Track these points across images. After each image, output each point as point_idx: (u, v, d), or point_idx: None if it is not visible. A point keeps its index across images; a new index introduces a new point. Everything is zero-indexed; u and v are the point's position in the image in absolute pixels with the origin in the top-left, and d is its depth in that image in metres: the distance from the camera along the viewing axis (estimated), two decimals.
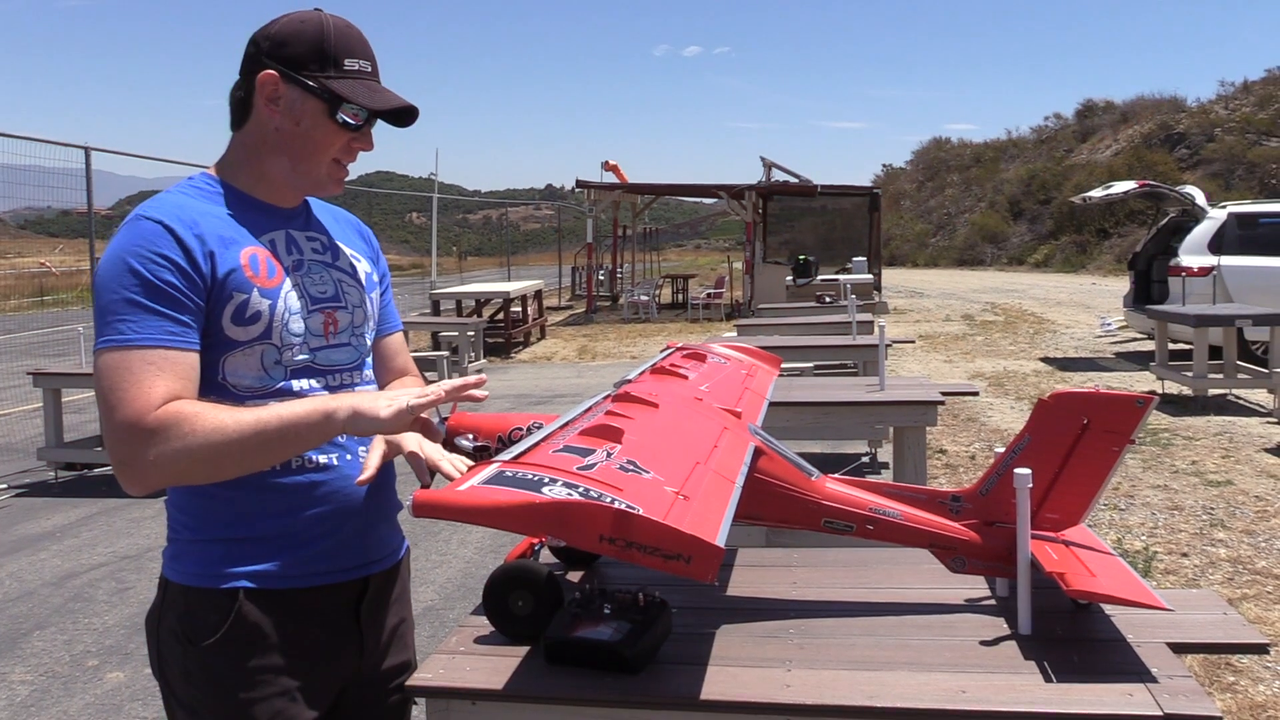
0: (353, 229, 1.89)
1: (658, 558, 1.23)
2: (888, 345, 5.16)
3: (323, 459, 1.66)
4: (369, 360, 1.81)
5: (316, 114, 1.63)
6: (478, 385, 1.55)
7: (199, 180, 1.68)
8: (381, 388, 1.85)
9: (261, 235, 1.66)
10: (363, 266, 1.82)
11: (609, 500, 1.28)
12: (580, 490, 1.30)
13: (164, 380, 1.49)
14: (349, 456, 1.68)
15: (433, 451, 1.70)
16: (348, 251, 1.81)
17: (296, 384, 1.65)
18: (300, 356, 1.65)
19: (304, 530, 1.64)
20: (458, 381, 1.55)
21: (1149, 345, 11.84)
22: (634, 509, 1.26)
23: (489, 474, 1.36)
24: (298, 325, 1.65)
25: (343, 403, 1.50)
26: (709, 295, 21.51)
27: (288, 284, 1.65)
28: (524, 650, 1.72)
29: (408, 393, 1.51)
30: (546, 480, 1.32)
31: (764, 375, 2.59)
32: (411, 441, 1.65)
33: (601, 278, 24.73)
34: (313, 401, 1.52)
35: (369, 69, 1.66)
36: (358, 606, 1.72)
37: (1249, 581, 4.71)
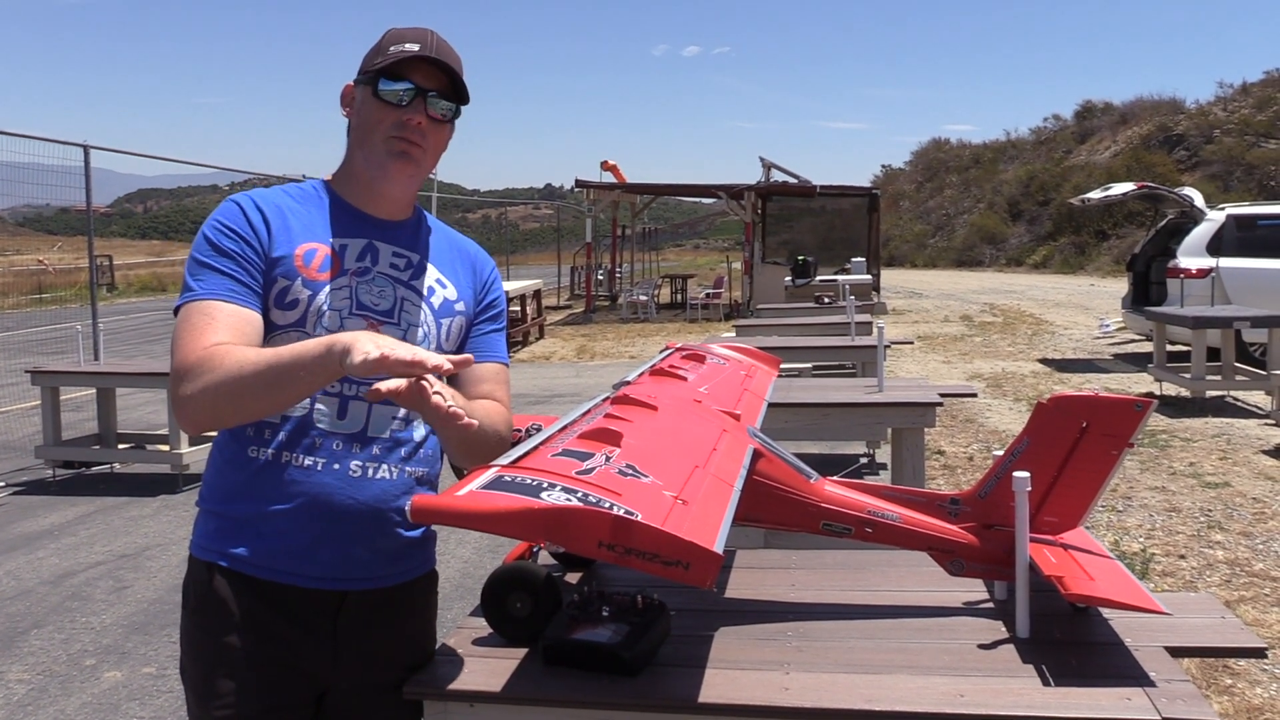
0: (463, 259, 1.90)
1: (657, 564, 1.23)
2: (886, 346, 5.16)
3: (307, 460, 1.67)
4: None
5: (367, 97, 1.74)
6: (463, 364, 1.48)
7: (306, 184, 1.82)
8: None
9: (335, 237, 1.74)
10: (445, 293, 1.82)
11: (608, 506, 1.28)
12: (579, 495, 1.30)
13: (213, 329, 1.60)
14: (336, 466, 1.68)
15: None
16: (434, 274, 1.82)
17: None
18: None
19: (274, 523, 1.67)
20: (445, 362, 1.44)
21: (1147, 347, 11.84)
22: (633, 515, 1.26)
23: (487, 478, 1.35)
24: (333, 321, 1.69)
25: (345, 337, 1.46)
26: (708, 295, 21.50)
27: (338, 283, 1.70)
28: (522, 652, 1.72)
29: (403, 347, 1.43)
30: (545, 485, 1.32)
31: (763, 376, 2.59)
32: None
33: (600, 277, 24.72)
34: (331, 335, 1.51)
35: (414, 49, 1.70)
36: (336, 618, 1.71)
37: (1246, 584, 4.71)
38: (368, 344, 1.42)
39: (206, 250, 1.67)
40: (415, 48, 1.70)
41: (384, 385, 1.42)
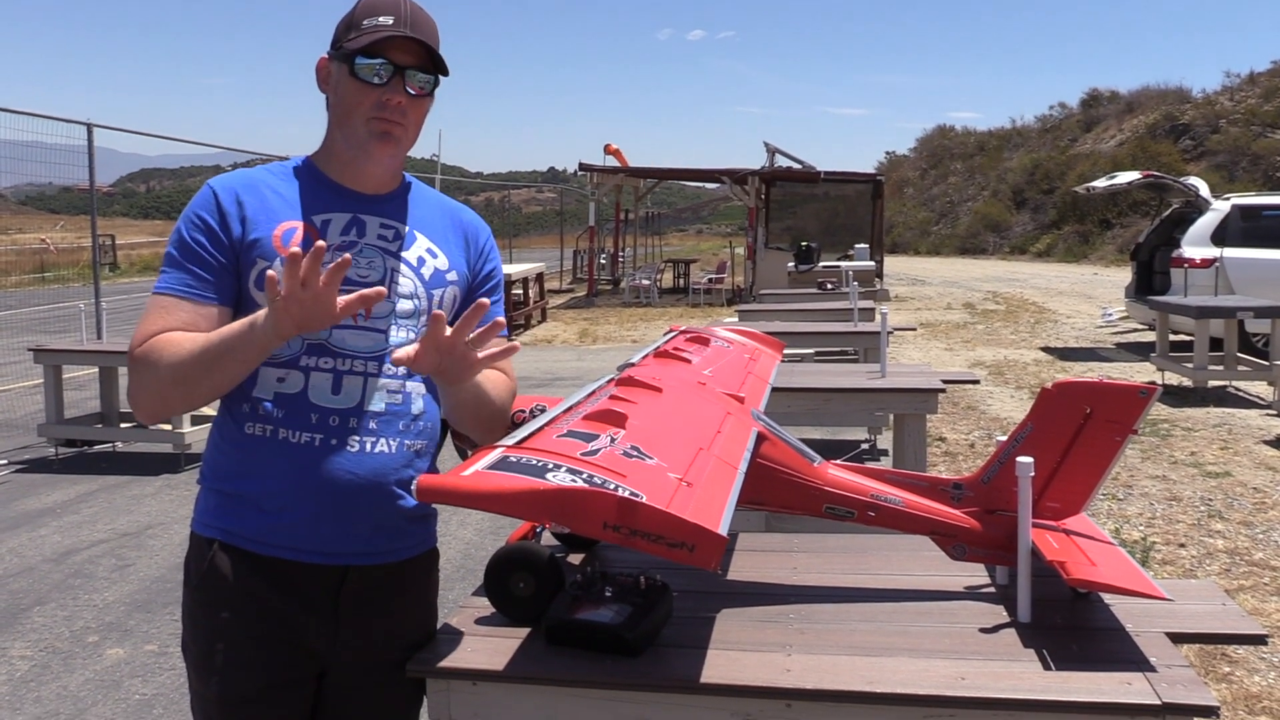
0: (454, 226, 1.88)
1: (661, 545, 1.23)
2: (889, 332, 5.15)
3: (304, 436, 1.67)
4: None
5: (343, 76, 1.71)
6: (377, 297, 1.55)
7: (290, 161, 1.81)
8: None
9: (316, 214, 1.73)
10: (436, 263, 1.80)
11: (613, 487, 1.28)
12: (584, 477, 1.30)
13: (163, 321, 1.65)
14: (333, 441, 1.68)
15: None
16: (424, 244, 1.80)
17: (305, 359, 1.68)
18: (316, 331, 1.67)
19: (273, 498, 1.67)
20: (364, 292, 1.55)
21: (1150, 336, 11.82)
22: (638, 496, 1.26)
23: (493, 459, 1.36)
24: None
25: (262, 311, 1.56)
26: (710, 280, 21.48)
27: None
28: (525, 632, 1.72)
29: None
30: (550, 466, 1.32)
31: (767, 359, 2.59)
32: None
33: (603, 261, 24.69)
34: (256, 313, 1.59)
35: (389, 23, 1.67)
36: (338, 594, 1.71)
37: (1246, 573, 4.72)
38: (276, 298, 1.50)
39: (176, 243, 1.70)
40: (389, 21, 1.67)
41: (400, 353, 1.55)
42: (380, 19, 1.68)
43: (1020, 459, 1.68)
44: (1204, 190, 11.93)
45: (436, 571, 1.90)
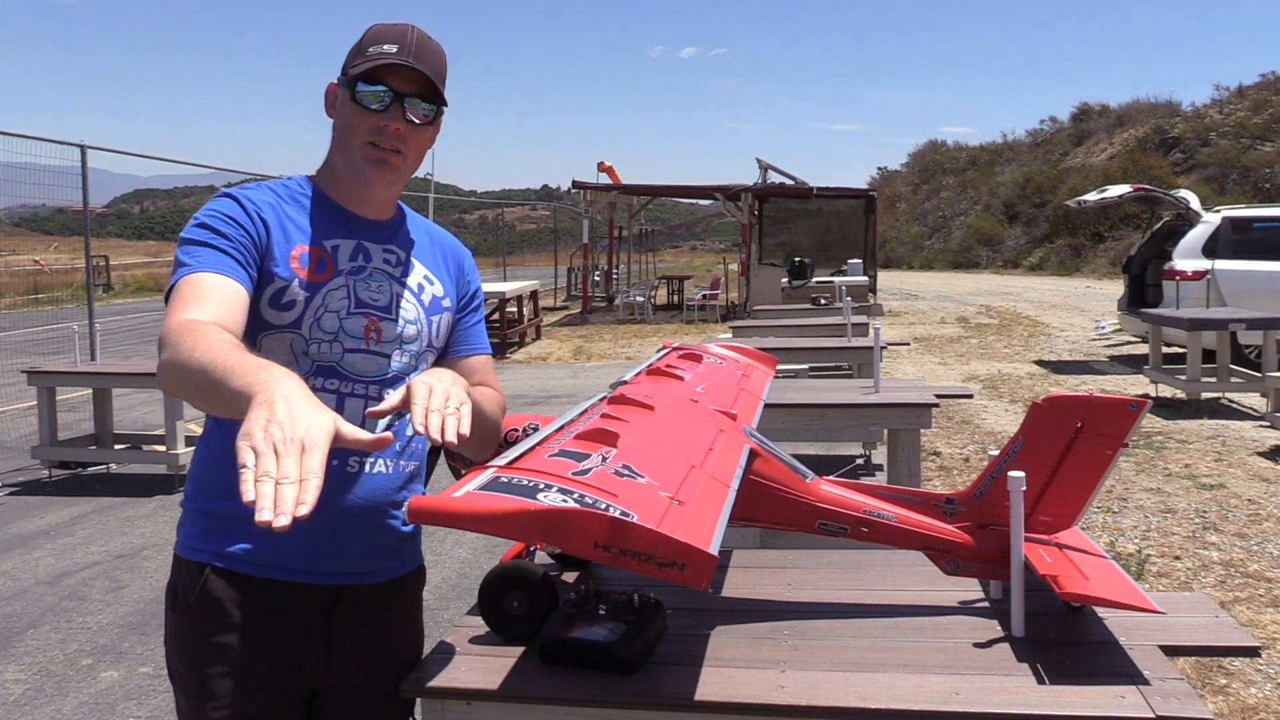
0: (445, 254, 1.91)
1: (652, 565, 1.23)
2: (882, 347, 5.16)
3: None
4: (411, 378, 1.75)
5: (345, 100, 1.73)
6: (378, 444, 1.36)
7: (292, 181, 1.80)
8: None
9: (326, 239, 1.73)
10: (433, 289, 1.83)
11: (604, 507, 1.28)
12: (575, 497, 1.30)
13: (197, 302, 1.54)
14: (333, 461, 1.65)
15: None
16: (421, 271, 1.83)
17: (312, 381, 1.66)
18: (328, 354, 1.68)
19: None
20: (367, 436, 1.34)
21: (1143, 348, 11.86)
22: (629, 516, 1.26)
23: (484, 479, 1.36)
24: (331, 323, 1.69)
25: (262, 394, 1.27)
26: (704, 296, 21.50)
27: (335, 283, 1.71)
28: (519, 650, 1.72)
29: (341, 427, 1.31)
30: (542, 486, 1.32)
31: (760, 376, 2.60)
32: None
33: (597, 278, 24.71)
34: (262, 373, 1.32)
35: (393, 51, 1.69)
36: (331, 613, 1.71)
37: (1241, 584, 4.72)
38: (261, 420, 1.23)
39: (201, 231, 1.63)
40: (393, 49, 1.69)
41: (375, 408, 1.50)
42: (385, 47, 1.70)
43: (1012, 473, 1.68)
44: (1195, 203, 11.98)
45: (423, 589, 1.91)
